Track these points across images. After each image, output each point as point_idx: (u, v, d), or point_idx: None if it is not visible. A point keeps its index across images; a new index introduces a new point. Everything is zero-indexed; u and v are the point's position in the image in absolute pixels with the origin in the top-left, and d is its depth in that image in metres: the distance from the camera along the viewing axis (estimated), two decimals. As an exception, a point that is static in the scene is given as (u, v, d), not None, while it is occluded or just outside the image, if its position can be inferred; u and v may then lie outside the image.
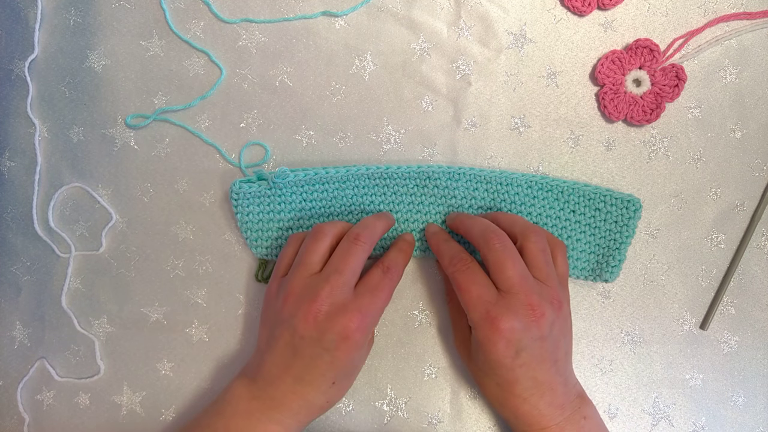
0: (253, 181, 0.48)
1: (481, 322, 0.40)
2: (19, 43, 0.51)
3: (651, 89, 0.49)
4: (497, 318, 0.39)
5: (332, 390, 0.43)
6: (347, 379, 0.44)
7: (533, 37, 0.50)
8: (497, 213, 0.47)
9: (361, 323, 0.40)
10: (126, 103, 0.51)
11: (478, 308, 0.40)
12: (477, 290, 0.41)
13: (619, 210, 0.48)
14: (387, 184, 0.48)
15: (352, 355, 0.41)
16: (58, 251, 0.51)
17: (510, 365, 0.40)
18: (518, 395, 0.41)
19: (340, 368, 0.42)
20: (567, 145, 0.50)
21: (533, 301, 0.40)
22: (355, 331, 0.40)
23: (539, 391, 0.41)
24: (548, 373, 0.41)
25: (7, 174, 0.51)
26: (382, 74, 0.50)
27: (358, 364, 0.44)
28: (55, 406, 0.51)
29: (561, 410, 0.42)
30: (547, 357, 0.41)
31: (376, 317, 0.42)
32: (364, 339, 0.41)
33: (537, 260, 0.42)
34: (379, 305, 0.42)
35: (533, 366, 0.40)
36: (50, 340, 0.51)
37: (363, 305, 0.41)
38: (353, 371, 0.44)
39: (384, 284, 0.43)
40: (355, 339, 0.40)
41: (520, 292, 0.40)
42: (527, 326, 0.40)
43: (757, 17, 0.49)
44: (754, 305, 0.50)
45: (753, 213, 0.50)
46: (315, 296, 0.41)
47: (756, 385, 0.50)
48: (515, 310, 0.40)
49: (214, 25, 0.50)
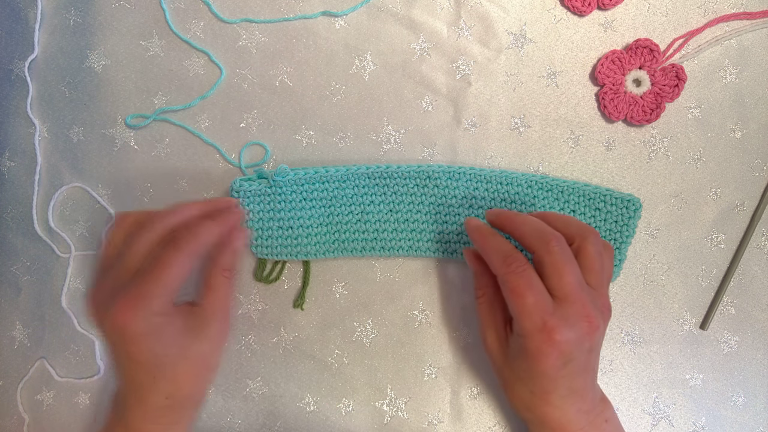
0: (253, 180, 0.48)
1: (535, 332, 0.38)
2: (19, 43, 0.51)
3: (651, 89, 0.49)
4: (554, 329, 0.37)
5: (161, 384, 0.38)
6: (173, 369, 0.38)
7: (533, 37, 0.50)
8: (545, 213, 0.44)
9: (132, 311, 0.36)
10: (126, 103, 0.51)
11: (534, 317, 0.38)
12: (534, 297, 0.38)
13: (619, 210, 0.48)
14: (387, 184, 0.48)
15: (144, 346, 0.37)
16: (58, 251, 0.51)
17: (554, 375, 0.39)
18: (551, 403, 0.40)
19: (143, 362, 0.38)
20: (567, 145, 0.50)
21: (590, 313, 0.38)
22: (127, 322, 0.36)
23: (572, 399, 0.40)
24: (585, 381, 0.40)
25: (7, 174, 0.51)
26: (382, 74, 0.50)
27: (169, 353, 0.38)
28: (55, 406, 0.51)
29: (587, 415, 0.41)
30: (590, 367, 0.40)
31: (156, 300, 0.37)
32: (144, 328, 0.37)
33: (594, 265, 0.40)
34: (157, 285, 0.37)
35: (575, 376, 0.39)
36: (50, 340, 0.51)
37: (134, 289, 0.37)
38: (172, 360, 0.38)
39: (163, 259, 0.37)
40: (130, 330, 0.36)
41: (577, 302, 0.38)
42: (581, 338, 0.38)
43: (757, 17, 0.49)
44: (754, 305, 0.50)
45: (753, 213, 0.50)
46: (96, 289, 0.39)
47: (756, 385, 0.50)
48: (572, 321, 0.38)
49: (214, 25, 0.50)
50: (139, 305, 0.36)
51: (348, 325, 0.50)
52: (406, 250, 0.49)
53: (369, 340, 0.50)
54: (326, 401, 0.50)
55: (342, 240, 0.49)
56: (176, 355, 0.38)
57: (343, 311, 0.50)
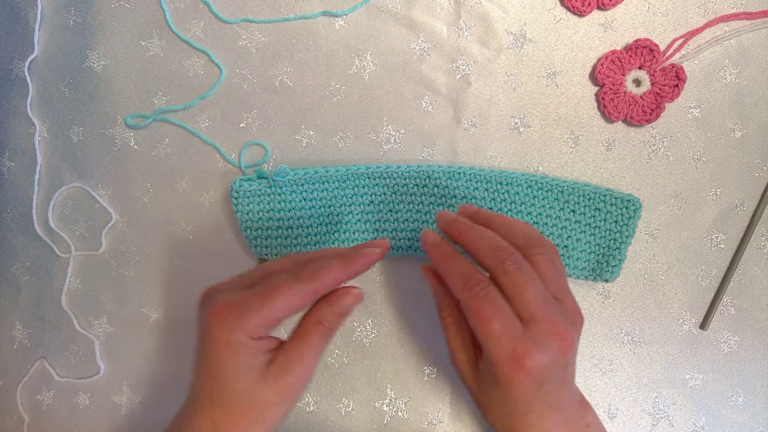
0: (253, 180, 0.48)
1: (505, 360, 0.35)
2: (19, 43, 0.51)
3: (651, 89, 0.49)
4: (525, 355, 0.34)
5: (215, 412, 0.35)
6: (232, 402, 0.35)
7: (533, 37, 0.50)
8: (491, 216, 0.41)
9: (222, 316, 0.35)
10: (126, 103, 0.51)
11: (503, 344, 0.35)
12: (500, 322, 0.35)
13: (619, 210, 0.48)
14: (387, 184, 0.48)
15: (221, 357, 0.35)
16: (58, 251, 0.51)
17: (530, 399, 0.36)
18: (529, 422, 0.37)
19: (212, 374, 0.35)
20: (567, 145, 0.50)
21: (560, 329, 0.36)
22: (213, 323, 0.35)
23: (549, 414, 0.37)
24: (561, 394, 0.38)
25: (7, 174, 0.51)
26: (382, 74, 0.50)
27: (237, 382, 0.35)
28: (55, 406, 0.51)
29: (566, 425, 0.38)
30: (566, 382, 0.38)
31: (254, 319, 0.35)
32: (228, 339, 0.35)
33: (549, 274, 0.37)
34: (261, 304, 0.35)
35: (550, 393, 0.37)
36: (50, 340, 0.51)
37: (237, 298, 0.35)
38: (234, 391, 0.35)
39: (278, 283, 0.35)
40: (213, 332, 0.35)
41: (544, 320, 0.35)
42: (555, 359, 0.35)
43: (757, 17, 0.49)
44: (754, 305, 0.50)
45: (753, 213, 0.50)
46: (216, 284, 0.38)
47: (756, 385, 0.50)
48: (542, 343, 0.35)
49: (214, 25, 0.50)
50: (234, 313, 0.35)
51: (348, 325, 0.50)
52: (406, 250, 0.49)
53: (369, 340, 0.50)
54: (326, 401, 0.50)
55: (342, 240, 0.49)
56: (239, 388, 0.35)
57: (343, 311, 0.50)
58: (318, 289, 0.37)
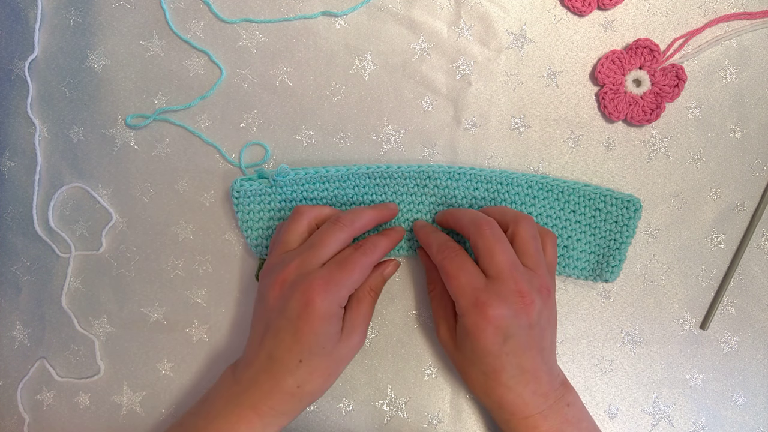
0: (253, 180, 0.48)
1: (469, 308, 0.40)
2: (19, 43, 0.51)
3: (651, 89, 0.49)
4: (486, 304, 0.39)
5: (301, 371, 0.41)
6: (318, 361, 0.41)
7: (533, 37, 0.50)
8: (487, 207, 0.47)
9: (324, 291, 0.40)
10: (126, 103, 0.51)
11: (467, 294, 0.40)
12: (466, 277, 0.41)
13: (619, 210, 0.48)
14: (387, 184, 0.48)
15: (316, 328, 0.40)
16: (58, 251, 0.51)
17: (497, 352, 0.40)
18: (503, 383, 0.41)
19: (304, 343, 0.40)
20: (567, 145, 0.50)
21: (523, 289, 0.40)
22: (316, 298, 0.40)
23: (524, 380, 0.41)
24: (534, 361, 0.41)
25: (7, 174, 0.51)
26: (382, 74, 0.50)
27: (326, 345, 0.41)
28: (55, 406, 0.51)
29: (545, 398, 0.41)
30: (534, 345, 0.41)
31: (343, 290, 0.41)
32: (327, 310, 0.40)
33: (528, 247, 0.42)
34: (347, 277, 0.41)
35: (520, 354, 0.40)
36: (50, 340, 0.51)
37: (328, 274, 0.41)
38: (322, 352, 0.41)
39: (354, 258, 0.42)
40: (316, 306, 0.40)
41: (509, 279, 0.40)
42: (516, 313, 0.39)
43: (757, 17, 0.49)
44: (754, 305, 0.50)
45: (753, 213, 0.50)
46: (284, 267, 0.42)
47: (756, 385, 0.50)
48: (504, 296, 0.39)
49: (214, 25, 0.50)
50: (331, 289, 0.40)
51: (348, 325, 0.50)
52: (406, 250, 0.49)
53: (369, 340, 0.50)
54: (326, 401, 0.50)
55: (342, 240, 0.49)
56: (327, 349, 0.41)
57: (343, 311, 0.50)
58: (377, 261, 0.44)
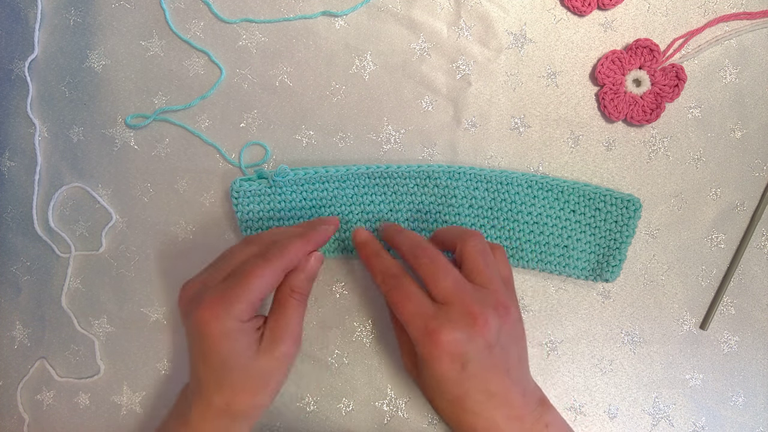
0: (253, 180, 0.48)
1: (420, 338, 0.38)
2: (19, 43, 0.51)
3: (651, 89, 0.49)
4: (437, 331, 0.37)
5: (224, 390, 0.39)
6: (235, 378, 0.39)
7: (533, 37, 0.50)
8: (438, 228, 0.46)
9: (215, 308, 0.38)
10: (126, 103, 0.51)
11: (417, 323, 0.38)
12: (412, 306, 0.38)
13: (619, 210, 0.48)
14: (387, 184, 0.48)
15: (216, 347, 0.38)
16: (58, 251, 0.51)
17: (457, 379, 0.38)
18: (470, 410, 0.38)
19: (213, 362, 0.38)
20: (567, 145, 0.50)
21: (474, 310, 0.37)
22: (207, 317, 0.38)
23: (493, 404, 0.38)
24: (502, 383, 0.38)
25: (7, 174, 0.51)
26: (382, 74, 0.50)
27: (237, 362, 0.39)
28: (55, 406, 0.51)
29: (520, 422, 0.39)
30: (498, 366, 0.38)
31: (238, 304, 0.38)
32: (222, 328, 0.38)
33: (476, 263, 0.40)
34: (241, 290, 0.38)
35: (483, 377, 0.38)
36: (50, 340, 0.51)
37: (221, 290, 0.38)
38: (235, 369, 0.39)
39: (251, 267, 0.39)
40: (209, 326, 0.38)
41: (456, 302, 0.38)
42: (470, 336, 0.37)
43: (757, 17, 0.49)
44: (754, 305, 0.50)
45: (753, 213, 0.50)
46: (188, 283, 0.41)
47: (756, 385, 0.50)
48: (455, 320, 0.37)
49: (214, 25, 0.50)
50: (222, 306, 0.38)
51: (348, 325, 0.50)
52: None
53: (369, 340, 0.50)
54: (326, 401, 0.50)
55: (342, 240, 0.49)
56: (242, 366, 0.39)
57: (343, 311, 0.50)
58: (286, 265, 0.41)
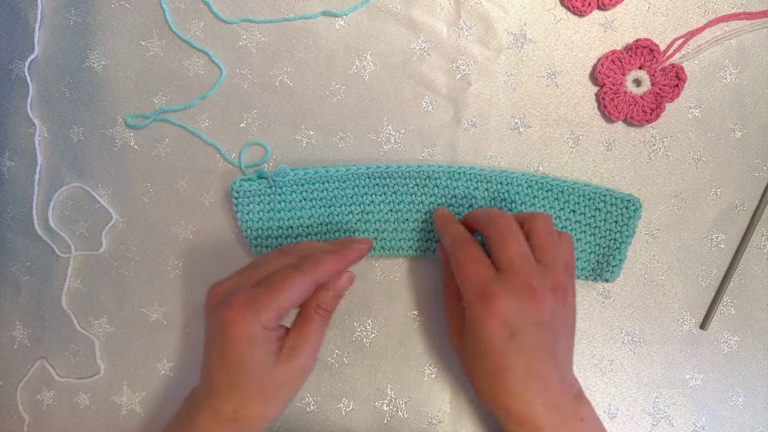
0: (253, 180, 0.48)
1: (475, 299, 0.38)
2: (19, 43, 0.51)
3: (651, 89, 0.49)
4: (493, 295, 0.37)
5: (234, 396, 0.39)
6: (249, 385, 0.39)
7: (533, 37, 0.50)
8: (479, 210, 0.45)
9: (243, 311, 0.38)
10: (126, 103, 0.51)
11: (475, 285, 0.38)
12: (475, 267, 0.39)
13: (619, 210, 0.48)
14: (387, 184, 0.48)
15: (238, 351, 0.38)
16: (58, 251, 0.51)
17: (503, 349, 0.37)
18: (511, 389, 0.37)
19: (230, 366, 0.38)
20: (567, 145, 0.50)
21: (534, 284, 0.37)
22: (234, 318, 0.38)
23: (534, 386, 0.37)
24: (545, 365, 0.38)
25: (7, 174, 0.51)
26: (382, 74, 0.50)
27: (255, 369, 0.39)
28: (55, 406, 0.51)
29: (557, 410, 0.38)
30: (544, 347, 0.38)
31: (267, 312, 0.38)
32: (246, 332, 0.38)
33: (543, 242, 0.40)
34: (272, 297, 0.39)
35: (528, 353, 0.37)
36: (50, 340, 0.51)
37: (252, 294, 0.39)
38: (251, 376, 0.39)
39: (285, 277, 0.39)
40: (234, 328, 0.38)
41: (520, 273, 0.38)
42: (525, 308, 0.37)
43: (757, 17, 0.49)
44: (754, 305, 0.50)
45: (753, 213, 0.50)
46: (219, 284, 0.41)
47: (756, 385, 0.50)
48: (513, 289, 0.37)
49: (214, 25, 0.50)
50: (250, 310, 0.38)
51: (348, 325, 0.50)
52: (406, 250, 0.49)
53: (369, 340, 0.50)
54: (326, 401, 0.50)
55: (342, 240, 0.49)
56: (256, 373, 0.39)
57: (343, 311, 0.50)
58: (319, 279, 0.41)
